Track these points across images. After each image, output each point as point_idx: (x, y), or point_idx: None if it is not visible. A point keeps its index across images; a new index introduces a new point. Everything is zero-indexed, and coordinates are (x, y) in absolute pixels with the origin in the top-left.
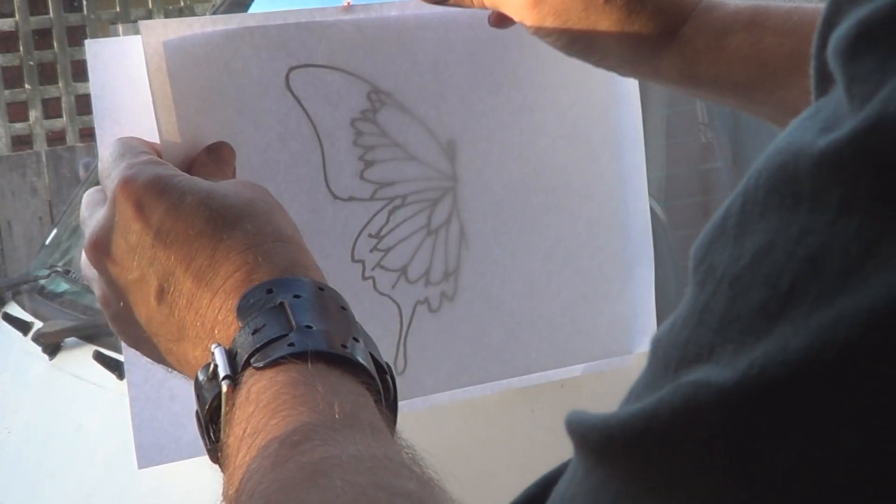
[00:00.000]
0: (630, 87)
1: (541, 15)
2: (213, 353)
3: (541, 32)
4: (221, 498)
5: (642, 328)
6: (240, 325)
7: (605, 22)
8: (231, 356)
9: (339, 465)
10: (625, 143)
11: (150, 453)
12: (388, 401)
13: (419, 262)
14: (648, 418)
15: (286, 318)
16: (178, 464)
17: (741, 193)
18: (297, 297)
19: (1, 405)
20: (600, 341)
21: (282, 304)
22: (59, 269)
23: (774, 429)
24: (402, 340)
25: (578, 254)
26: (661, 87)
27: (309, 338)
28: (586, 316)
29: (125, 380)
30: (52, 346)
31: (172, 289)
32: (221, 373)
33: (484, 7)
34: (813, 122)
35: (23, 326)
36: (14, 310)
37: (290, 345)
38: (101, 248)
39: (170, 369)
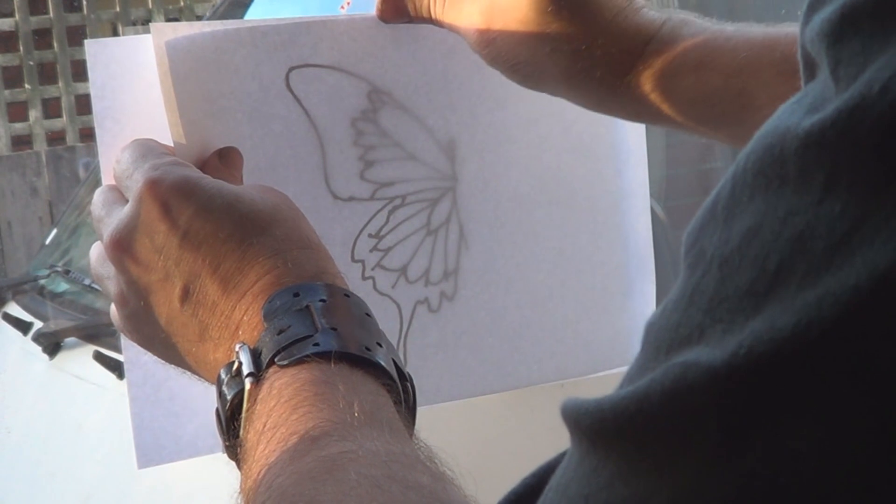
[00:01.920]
0: None
1: (490, 55)
2: (237, 352)
3: (493, 67)
4: (238, 490)
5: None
6: (265, 326)
7: (552, 69)
8: (255, 355)
9: (356, 460)
10: (629, 158)
11: (150, 453)
12: (407, 405)
13: (419, 262)
14: (639, 400)
15: (312, 320)
16: (178, 464)
17: (730, 177)
18: (322, 301)
19: (1, 405)
20: (601, 354)
21: (308, 306)
22: (59, 269)
23: (763, 407)
24: (402, 340)
25: (580, 267)
26: None
27: (334, 339)
28: (587, 329)
29: (125, 380)
30: (52, 346)
31: (198, 291)
32: (245, 370)
33: (442, 25)
34: (800, 105)
35: (23, 326)
36: (14, 310)
37: (315, 344)
38: (124, 247)
39: (181, 370)
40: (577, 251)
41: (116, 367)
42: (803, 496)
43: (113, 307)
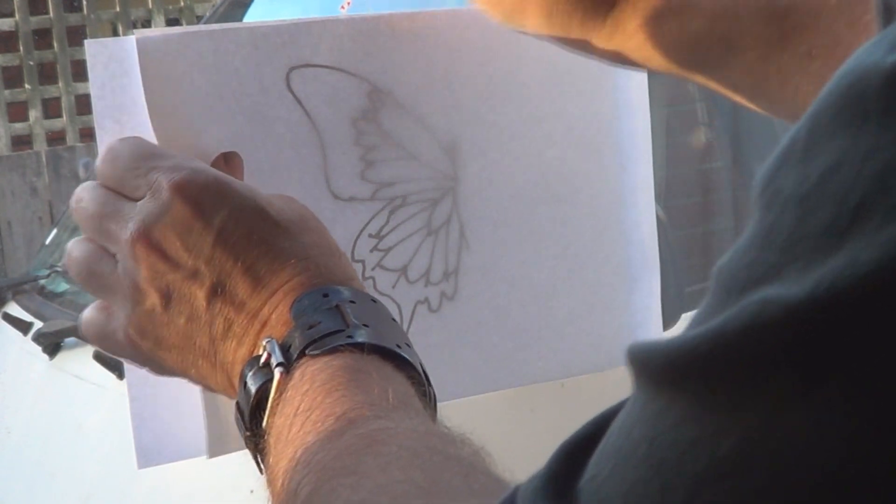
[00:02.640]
0: (640, 98)
1: None
2: (264, 346)
3: (477, 6)
4: (268, 473)
5: (648, 339)
6: (293, 323)
7: (534, 5)
8: (284, 348)
9: (395, 435)
10: (633, 153)
11: (150, 453)
12: (431, 404)
13: (419, 262)
14: (713, 338)
15: (342, 317)
16: (178, 464)
17: (807, 118)
18: (352, 302)
19: (1, 405)
20: (605, 351)
21: (338, 305)
22: (59, 269)
23: (843, 344)
24: None
25: (584, 263)
26: (661, 87)
27: (365, 333)
28: (591, 325)
29: (125, 380)
30: (52, 346)
31: (227, 289)
32: (275, 361)
33: None
34: (880, 46)
35: (23, 326)
36: (14, 310)
37: (349, 336)
38: (151, 243)
39: (182, 378)
40: (581, 248)
41: (116, 367)
42: (879, 436)
43: (88, 313)
